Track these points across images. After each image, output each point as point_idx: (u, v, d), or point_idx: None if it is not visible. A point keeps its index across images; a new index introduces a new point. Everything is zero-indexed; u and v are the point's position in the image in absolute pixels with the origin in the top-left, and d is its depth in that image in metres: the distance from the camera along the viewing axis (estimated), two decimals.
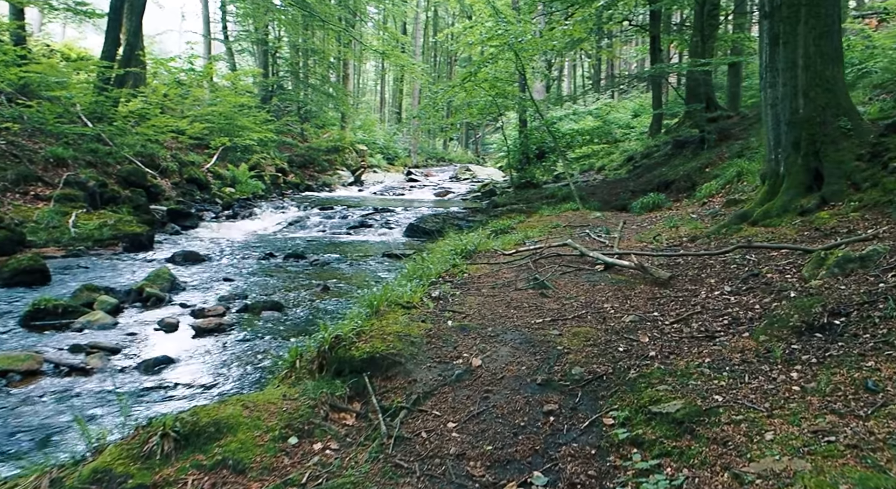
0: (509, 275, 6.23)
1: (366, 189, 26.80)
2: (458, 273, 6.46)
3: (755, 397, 3.07)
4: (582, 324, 4.56)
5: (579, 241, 8.00)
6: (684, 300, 4.88)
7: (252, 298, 9.08)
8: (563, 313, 4.88)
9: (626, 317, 4.62)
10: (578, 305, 5.06)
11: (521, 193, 18.92)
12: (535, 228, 10.54)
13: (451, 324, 4.67)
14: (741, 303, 4.54)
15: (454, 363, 4.04)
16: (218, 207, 18.37)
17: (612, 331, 4.37)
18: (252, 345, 6.92)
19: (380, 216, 17.52)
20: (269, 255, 12.61)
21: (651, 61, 21.40)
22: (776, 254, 5.45)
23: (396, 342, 4.19)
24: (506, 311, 5.00)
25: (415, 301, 5.15)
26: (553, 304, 5.14)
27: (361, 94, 50.95)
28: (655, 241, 7.45)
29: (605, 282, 5.60)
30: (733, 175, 11.77)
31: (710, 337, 4.02)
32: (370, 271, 11.54)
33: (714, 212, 9.96)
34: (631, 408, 3.26)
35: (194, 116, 20.77)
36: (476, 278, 6.23)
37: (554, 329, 4.50)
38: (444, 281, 6.18)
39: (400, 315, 4.79)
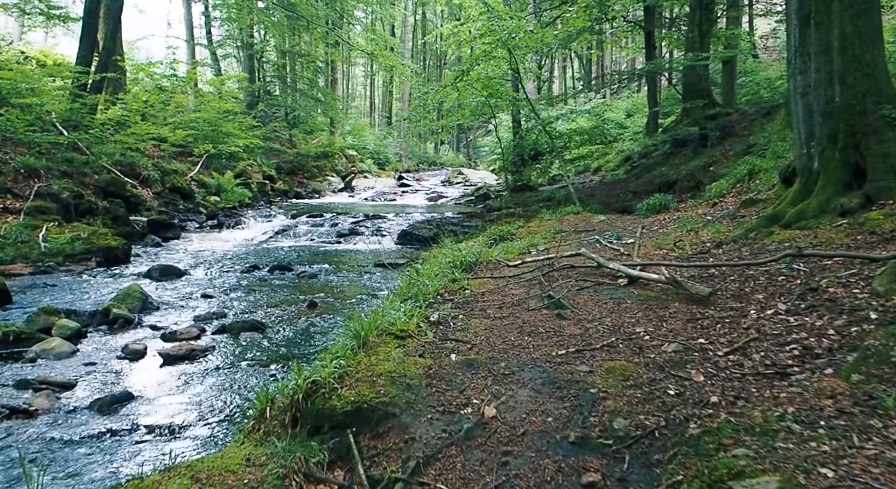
0: (518, 292, 5.38)
1: (356, 195, 25.90)
2: (459, 290, 5.60)
3: (880, 472, 2.22)
4: (614, 356, 3.70)
5: (590, 248, 7.16)
6: (733, 322, 4.03)
7: (231, 317, 8.19)
8: (588, 341, 4.03)
9: (666, 346, 3.77)
10: (605, 330, 4.20)
11: (516, 197, 18.09)
12: (538, 234, 9.70)
13: (455, 358, 3.81)
14: (806, 326, 3.69)
15: (462, 413, 3.17)
16: (202, 217, 17.45)
17: (654, 365, 3.52)
18: (226, 375, 6.03)
19: (371, 223, 16.65)
20: (254, 268, 11.72)
21: (646, 58, 20.63)
22: (830, 262, 4.63)
23: (388, 386, 3.32)
24: (519, 339, 4.15)
25: (410, 328, 4.28)
26: (574, 329, 4.29)
27: (351, 99, 50.04)
28: (677, 248, 6.61)
29: (632, 300, 4.75)
30: (744, 173, 10.98)
31: (782, 374, 3.17)
32: (361, 283, 10.67)
33: (729, 213, 9.14)
34: (702, 482, 2.40)
35: (176, 123, 19.84)
36: (480, 296, 5.37)
37: (581, 363, 3.64)
38: (444, 300, 5.32)
39: (393, 347, 3.93)
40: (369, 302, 9.15)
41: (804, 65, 6.43)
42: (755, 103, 20.36)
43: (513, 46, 14.33)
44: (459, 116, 18.26)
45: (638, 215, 11.80)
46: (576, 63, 41.47)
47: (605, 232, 9.16)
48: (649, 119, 21.33)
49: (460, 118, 18.63)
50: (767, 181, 9.81)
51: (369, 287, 10.33)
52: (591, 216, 12.02)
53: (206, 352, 6.67)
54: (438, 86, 16.89)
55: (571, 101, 33.15)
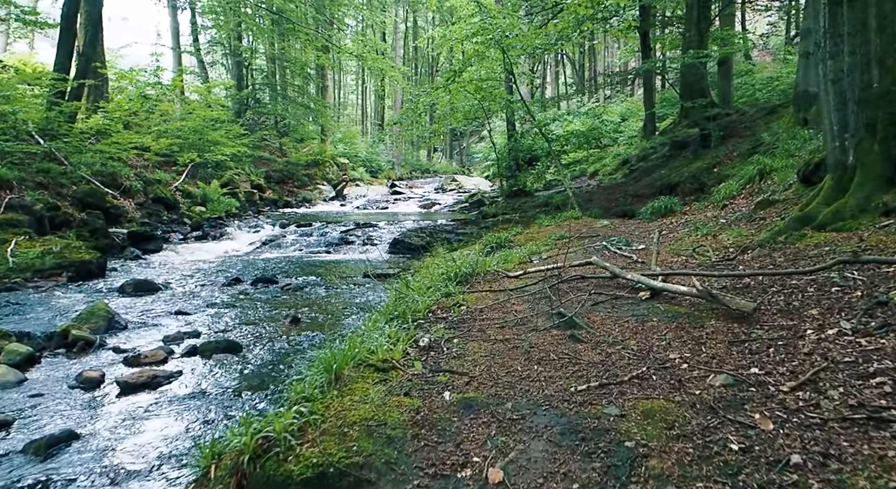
0: (522, 308, 4.60)
1: (348, 203, 25.10)
2: (454, 306, 4.82)
3: None
4: (649, 393, 2.93)
5: (598, 256, 6.39)
6: (788, 345, 3.26)
7: (205, 337, 7.38)
8: (612, 371, 3.25)
9: (713, 379, 2.99)
10: (631, 356, 3.43)
11: (512, 202, 17.34)
12: (538, 241, 8.93)
13: (450, 397, 3.02)
14: (888, 351, 2.93)
15: (458, 476, 2.39)
16: (186, 228, 16.63)
17: (703, 405, 2.74)
18: (190, 407, 5.22)
19: (361, 232, 15.87)
20: (236, 281, 10.91)
21: (642, 59, 19.97)
22: (892, 270, 3.87)
23: (363, 440, 2.54)
24: (527, 369, 3.37)
25: (395, 357, 3.50)
26: (593, 354, 3.51)
27: (343, 108, 49.29)
28: (698, 255, 5.85)
29: (659, 318, 3.98)
30: (754, 173, 10.25)
31: (878, 419, 2.40)
32: (349, 296, 9.87)
33: (744, 215, 8.40)
34: None
35: (160, 132, 19.05)
36: (478, 313, 4.59)
37: (608, 402, 2.86)
38: (436, 319, 4.54)
39: (372, 383, 3.14)
40: (356, 316, 8.36)
41: (835, 48, 5.69)
42: (753, 104, 19.72)
43: (506, 46, 13.61)
44: (452, 120, 17.52)
45: (641, 219, 11.06)
46: (568, 69, 40.89)
47: (610, 237, 8.40)
48: (646, 121, 20.68)
49: (453, 122, 17.89)
50: (782, 181, 9.08)
51: (357, 300, 9.54)
52: (592, 221, 11.27)
53: (170, 379, 5.86)
54: (430, 87, 16.15)
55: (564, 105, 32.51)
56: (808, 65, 11.60)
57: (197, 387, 5.70)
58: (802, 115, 11.64)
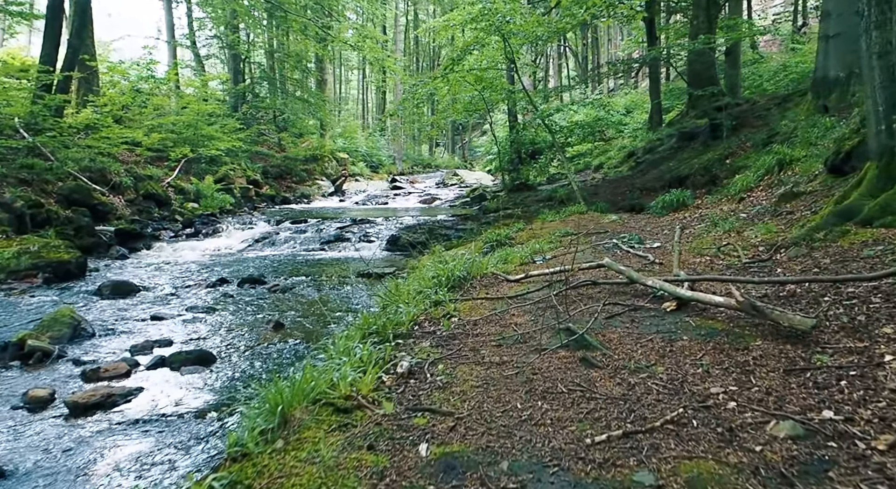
0: (523, 321, 3.86)
1: (347, 199, 24.33)
2: (444, 317, 4.08)
3: None
4: (691, 448, 2.18)
5: (609, 256, 5.64)
6: (864, 377, 2.51)
7: (177, 346, 6.66)
8: (638, 410, 2.50)
9: (775, 427, 2.24)
10: (661, 389, 2.68)
11: (514, 197, 16.56)
12: (541, 238, 8.18)
13: (427, 452, 2.28)
14: None
15: None
16: (178, 225, 15.93)
17: (771, 472, 1.99)
18: (141, 434, 4.49)
19: (358, 228, 15.12)
20: (222, 281, 10.18)
21: (648, 48, 19.12)
22: None
23: None
24: (528, 406, 2.63)
25: (362, 390, 2.76)
26: (612, 386, 2.76)
27: (345, 102, 48.45)
28: (724, 255, 5.08)
29: (690, 336, 3.22)
30: (773, 164, 9.46)
31: None
32: (340, 298, 9.14)
33: (766, 209, 7.63)
34: None
35: (152, 126, 18.32)
36: (471, 327, 3.85)
37: (637, 462, 2.11)
38: (422, 333, 3.80)
39: (328, 429, 2.40)
40: (345, 322, 7.63)
41: (882, 16, 4.91)
42: (764, 94, 18.86)
43: (507, 33, 12.82)
44: (452, 112, 16.73)
45: (651, 214, 10.29)
46: (571, 61, 39.98)
47: (620, 234, 7.64)
48: (652, 113, 19.84)
49: (452, 114, 17.10)
50: (805, 172, 8.30)
51: (349, 302, 8.80)
52: (598, 216, 10.51)
53: (128, 397, 5.14)
54: (427, 78, 15.38)
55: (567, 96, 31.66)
56: (829, 49, 10.78)
57: (156, 407, 4.97)
58: (822, 103, 10.83)
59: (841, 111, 10.40)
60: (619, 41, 37.11)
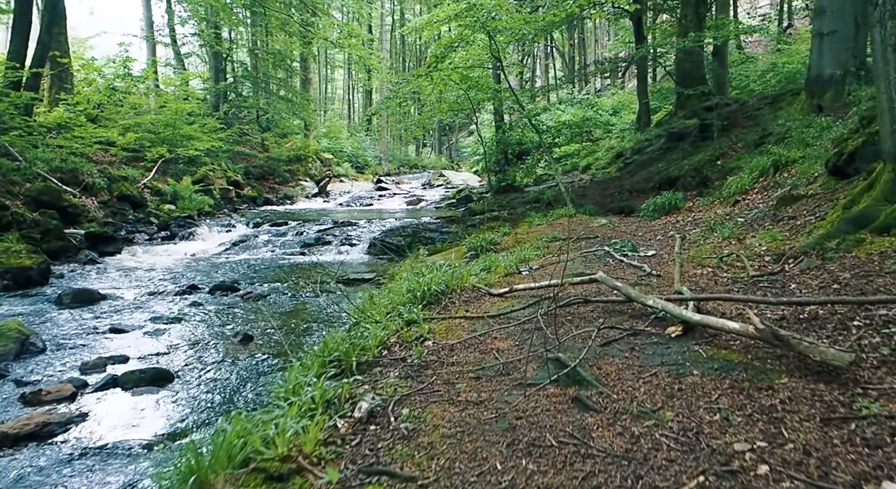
0: (506, 345, 3.35)
1: (331, 200, 23.73)
2: (417, 340, 3.56)
3: None
4: None
5: (601, 265, 5.14)
6: None
7: (134, 363, 6.10)
8: (647, 476, 1.98)
9: None
10: (672, 444, 2.17)
11: (500, 198, 16.07)
12: (527, 244, 7.68)
13: None
14: None
15: None
16: (153, 228, 15.28)
17: None
18: (72, 474, 3.94)
19: (339, 231, 14.56)
20: (192, 288, 9.61)
21: (636, 48, 18.70)
22: None
23: None
24: (510, 467, 2.11)
25: (306, 447, 2.23)
26: (611, 436, 2.25)
27: (330, 102, 47.71)
28: (728, 266, 4.60)
29: (702, 370, 2.72)
30: (768, 165, 9.03)
31: None
32: (315, 306, 8.59)
33: (764, 213, 7.18)
34: None
35: (128, 126, 17.65)
36: (447, 354, 3.33)
37: None
38: (391, 360, 3.28)
39: None
40: (319, 334, 7.09)
41: None
42: (753, 94, 18.48)
43: (493, 29, 12.31)
44: (437, 112, 16.20)
45: (642, 217, 9.82)
46: (559, 62, 39.57)
47: (612, 240, 7.15)
48: (640, 113, 19.43)
49: (438, 114, 16.58)
50: (804, 173, 7.85)
51: (325, 311, 8.25)
52: (587, 219, 10.03)
53: (67, 427, 4.57)
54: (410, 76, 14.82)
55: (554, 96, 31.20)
56: (823, 47, 10.38)
57: (97, 438, 4.41)
58: (816, 102, 10.43)
59: (836, 111, 10.00)
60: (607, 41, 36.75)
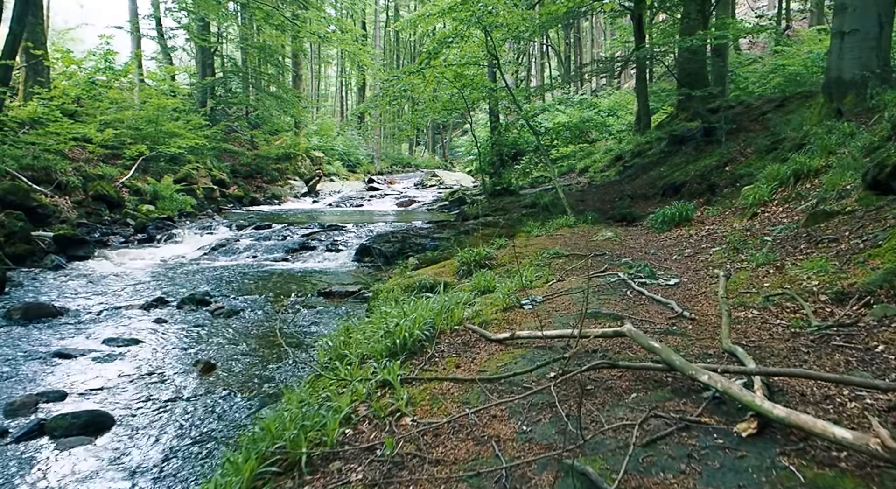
0: (508, 432, 2.45)
1: (321, 200, 22.77)
2: (390, 417, 2.67)
3: None
4: None
5: (618, 300, 4.26)
6: None
7: (70, 401, 5.18)
8: None
9: None
10: None
11: (495, 202, 15.19)
12: (526, 261, 6.79)
13: None
14: None
15: None
16: (129, 230, 14.31)
17: None
18: None
19: (325, 236, 13.63)
20: (160, 302, 8.67)
21: (636, 47, 17.82)
22: None
23: None
24: None
25: None
26: None
27: (323, 99, 46.61)
28: (779, 309, 3.71)
29: None
30: (787, 175, 8.15)
31: None
32: (292, 325, 7.67)
33: (791, 229, 6.32)
34: None
35: (107, 121, 16.65)
36: (429, 441, 2.44)
37: None
38: (352, 453, 2.38)
39: None
40: (292, 362, 6.17)
41: None
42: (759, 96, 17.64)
43: (489, 25, 11.41)
44: (430, 111, 15.28)
45: (650, 228, 8.94)
46: (554, 61, 38.65)
47: (621, 258, 6.27)
48: (640, 114, 18.55)
49: (430, 113, 15.66)
50: (832, 185, 6.98)
51: (303, 332, 7.34)
52: (589, 229, 9.15)
53: None
54: (401, 73, 13.90)
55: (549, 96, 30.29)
56: (843, 46, 9.52)
57: None
58: (836, 106, 9.57)
59: (858, 115, 9.14)
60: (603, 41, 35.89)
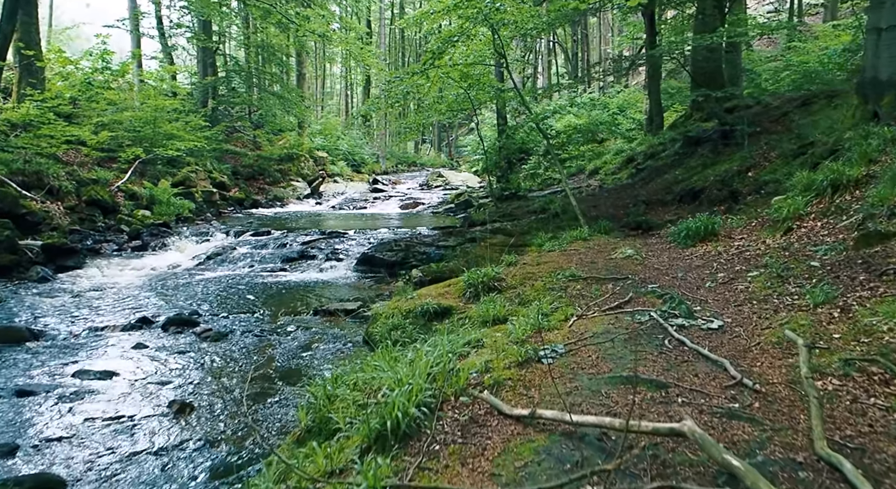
0: None
1: (324, 202, 22.02)
2: None
3: None
4: None
5: (655, 355, 3.50)
6: None
7: (20, 457, 4.46)
8: None
9: None
10: None
11: (503, 207, 14.40)
12: (539, 284, 6.04)
13: None
14: None
15: None
16: (123, 237, 13.61)
17: None
18: None
19: (326, 243, 12.89)
20: (143, 322, 7.97)
21: (648, 44, 16.98)
22: None
23: None
24: None
25: None
26: None
27: (328, 98, 45.83)
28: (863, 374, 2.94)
29: None
30: (824, 185, 7.33)
31: None
32: (285, 351, 6.92)
33: (838, 250, 5.54)
34: None
35: (103, 123, 15.96)
36: None
37: None
38: None
39: None
40: (280, 402, 5.44)
41: None
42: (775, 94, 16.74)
43: (497, 22, 10.62)
44: (434, 112, 14.50)
45: (670, 242, 8.13)
46: (560, 58, 37.73)
47: (647, 285, 5.50)
48: (652, 114, 17.69)
49: (435, 114, 14.88)
50: (880, 200, 6.17)
51: (295, 359, 6.59)
52: (605, 243, 8.37)
53: None
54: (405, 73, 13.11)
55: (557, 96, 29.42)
56: (881, 44, 8.67)
57: None
58: (872, 108, 8.73)
59: None
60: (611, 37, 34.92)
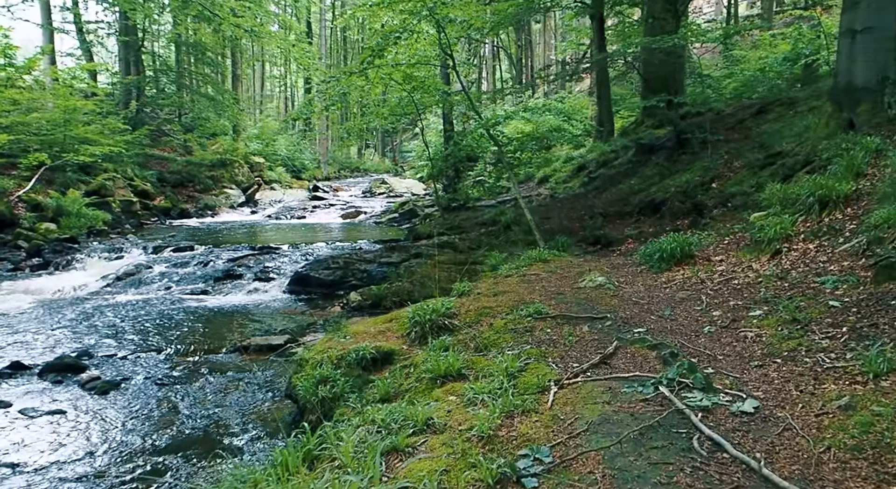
0: None
1: (259, 211, 20.35)
2: None
3: None
4: None
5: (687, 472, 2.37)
6: None
7: None
8: None
9: None
10: None
11: (451, 218, 13.25)
12: (497, 321, 4.88)
13: None
14: None
15: None
16: (21, 254, 11.78)
17: None
18: None
19: (255, 261, 11.40)
20: (16, 367, 6.44)
21: (597, 47, 16.19)
22: None
23: None
24: None
25: None
26: None
27: (269, 101, 43.69)
28: None
29: None
30: (811, 201, 6.46)
31: None
32: (190, 405, 5.54)
33: (850, 284, 4.62)
34: None
35: (1, 125, 13.99)
36: None
37: None
38: None
39: None
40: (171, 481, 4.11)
41: None
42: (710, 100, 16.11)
43: (442, 18, 9.47)
44: (376, 116, 13.23)
45: (640, 264, 7.12)
46: (505, 63, 36.99)
47: (632, 329, 4.43)
48: (602, 120, 16.89)
49: (376, 118, 13.61)
50: (886, 220, 5.29)
51: (197, 422, 5.22)
52: (569, 265, 7.28)
53: None
54: (340, 73, 11.81)
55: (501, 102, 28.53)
56: (855, 47, 7.94)
57: None
58: (847, 116, 7.99)
59: (876, 127, 7.56)
60: (554, 43, 34.35)
